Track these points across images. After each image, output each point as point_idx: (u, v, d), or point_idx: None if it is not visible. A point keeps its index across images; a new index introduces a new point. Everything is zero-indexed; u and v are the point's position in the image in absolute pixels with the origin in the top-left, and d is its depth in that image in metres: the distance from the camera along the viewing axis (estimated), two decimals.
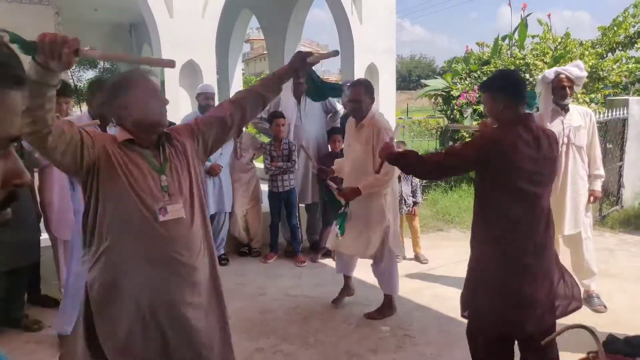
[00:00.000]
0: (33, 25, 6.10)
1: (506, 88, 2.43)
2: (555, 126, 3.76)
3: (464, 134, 7.00)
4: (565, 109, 3.78)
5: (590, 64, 6.91)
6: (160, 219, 1.91)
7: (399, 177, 5.05)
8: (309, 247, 5.27)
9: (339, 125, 5.14)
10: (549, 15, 7.76)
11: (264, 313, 3.85)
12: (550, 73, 3.79)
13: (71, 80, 16.32)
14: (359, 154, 3.68)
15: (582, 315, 3.69)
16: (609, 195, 6.37)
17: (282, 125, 4.83)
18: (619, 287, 4.20)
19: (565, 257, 4.03)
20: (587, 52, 7.16)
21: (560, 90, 3.70)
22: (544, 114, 3.85)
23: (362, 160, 3.65)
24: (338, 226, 3.68)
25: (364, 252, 3.74)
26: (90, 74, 19.65)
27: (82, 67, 18.68)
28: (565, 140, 3.74)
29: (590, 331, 1.62)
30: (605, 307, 3.80)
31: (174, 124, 4.43)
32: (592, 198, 3.83)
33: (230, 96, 3.19)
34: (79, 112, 4.14)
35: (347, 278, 4.02)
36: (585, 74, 3.73)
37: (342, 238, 3.66)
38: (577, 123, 3.75)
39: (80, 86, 18.40)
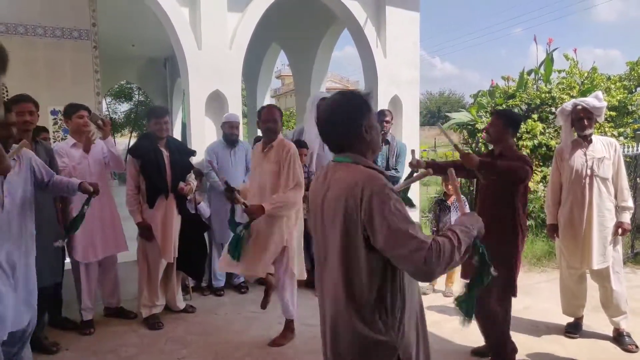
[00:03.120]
0: (71, 60, 6.38)
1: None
2: (577, 158, 3.70)
3: None
4: (587, 140, 3.72)
5: (618, 98, 6.80)
6: None
7: (448, 207, 4.88)
8: None
9: None
10: (575, 50, 7.72)
11: None
12: (568, 105, 3.78)
13: (107, 112, 16.92)
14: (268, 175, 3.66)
15: (612, 355, 3.53)
16: None
17: (304, 155, 4.86)
18: None
19: (593, 292, 3.90)
20: (614, 87, 7.06)
21: (579, 121, 3.67)
22: (564, 146, 3.81)
23: (270, 182, 3.64)
24: (232, 248, 3.48)
25: (256, 270, 3.63)
26: (125, 107, 20.32)
27: (118, 100, 19.37)
28: (589, 172, 3.67)
29: None
30: (637, 346, 3.62)
31: (194, 152, 4.57)
32: (619, 230, 3.70)
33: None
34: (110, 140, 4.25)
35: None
36: (604, 104, 3.67)
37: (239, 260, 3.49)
38: (601, 154, 3.68)
39: (114, 118, 19.04)
